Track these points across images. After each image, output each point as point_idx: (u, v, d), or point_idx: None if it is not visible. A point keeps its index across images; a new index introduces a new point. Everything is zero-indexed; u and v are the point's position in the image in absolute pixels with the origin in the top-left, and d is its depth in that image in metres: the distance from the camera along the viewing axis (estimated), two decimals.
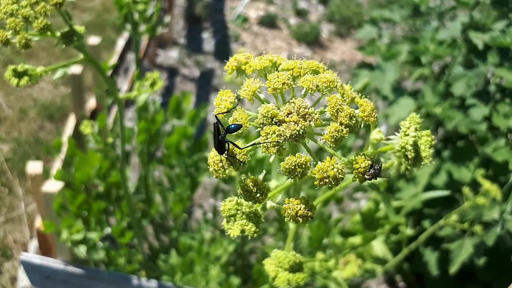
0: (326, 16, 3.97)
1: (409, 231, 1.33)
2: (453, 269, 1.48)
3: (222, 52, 3.42)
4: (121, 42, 2.20)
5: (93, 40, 1.56)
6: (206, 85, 3.11)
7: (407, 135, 0.46)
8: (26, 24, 0.66)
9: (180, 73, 3.18)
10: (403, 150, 0.46)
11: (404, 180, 1.72)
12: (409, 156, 0.46)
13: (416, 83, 2.91)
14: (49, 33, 0.68)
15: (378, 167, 0.44)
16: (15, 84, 0.69)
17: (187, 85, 3.09)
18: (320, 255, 0.97)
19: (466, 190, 1.29)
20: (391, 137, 0.49)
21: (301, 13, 3.98)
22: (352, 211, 1.16)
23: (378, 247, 1.12)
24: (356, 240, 1.02)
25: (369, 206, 1.05)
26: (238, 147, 0.44)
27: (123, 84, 2.58)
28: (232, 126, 0.44)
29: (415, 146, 0.46)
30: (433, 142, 0.48)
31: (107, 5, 3.64)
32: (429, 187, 1.64)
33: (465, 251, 1.46)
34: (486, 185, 1.24)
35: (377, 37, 1.94)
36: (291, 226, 0.60)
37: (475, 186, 1.53)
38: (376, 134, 0.48)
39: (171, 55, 3.31)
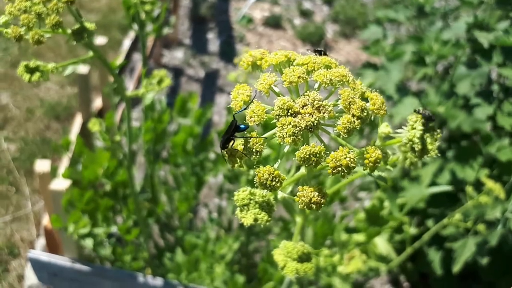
0: (331, 17, 3.98)
1: (412, 230, 1.34)
2: (456, 268, 1.48)
3: (227, 53, 3.44)
4: (127, 42, 2.22)
5: (100, 40, 1.58)
6: (211, 86, 3.13)
7: (414, 128, 0.47)
8: (38, 21, 0.68)
9: (185, 74, 3.20)
10: (410, 142, 0.48)
11: (408, 179, 1.72)
12: (416, 149, 0.47)
13: (420, 83, 2.91)
14: (60, 30, 0.70)
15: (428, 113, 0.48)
16: (27, 80, 0.71)
17: (192, 86, 3.11)
18: (325, 251, 0.98)
19: (469, 189, 1.30)
20: (398, 130, 0.50)
21: (305, 14, 3.99)
22: (357, 209, 1.17)
23: (382, 245, 1.13)
24: (360, 237, 1.03)
25: (374, 203, 1.06)
26: (252, 137, 0.47)
27: (129, 84, 2.60)
28: (242, 126, 0.48)
29: (422, 139, 0.48)
30: (438, 136, 0.49)
31: (113, 6, 3.66)
32: (433, 186, 1.65)
33: (468, 250, 1.46)
34: (489, 184, 1.25)
35: (381, 37, 1.95)
36: (298, 220, 0.62)
37: (478, 185, 1.54)
38: (384, 128, 0.50)
39: (176, 56, 3.33)
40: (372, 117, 0.46)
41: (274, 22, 3.79)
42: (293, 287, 0.82)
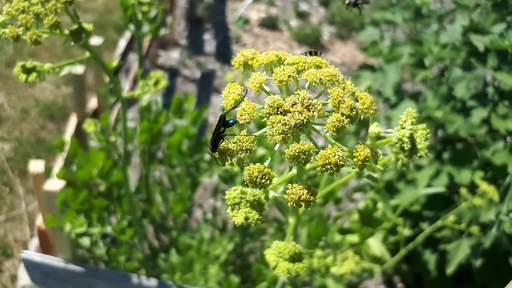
0: (327, 18, 3.99)
1: (407, 232, 1.35)
2: (450, 269, 1.49)
3: (223, 54, 3.44)
4: (122, 43, 2.22)
5: (95, 40, 1.58)
6: (207, 86, 3.13)
7: (404, 128, 0.47)
8: (36, 21, 0.68)
9: (181, 74, 3.20)
10: (400, 142, 0.48)
11: (404, 182, 1.73)
12: (406, 148, 0.48)
13: (415, 85, 2.92)
14: (58, 30, 0.70)
15: None
16: (24, 80, 0.71)
17: (188, 86, 3.11)
18: (318, 252, 0.98)
19: (464, 191, 1.30)
20: (388, 130, 0.51)
21: (302, 15, 4.00)
22: (351, 210, 1.18)
23: (376, 246, 1.13)
24: (354, 238, 1.03)
25: (367, 204, 1.06)
26: (242, 135, 0.47)
27: (124, 84, 2.59)
28: (230, 121, 0.48)
29: (411, 138, 0.48)
30: (428, 135, 0.49)
31: (109, 6, 3.65)
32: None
33: (462, 251, 1.47)
34: (484, 186, 1.26)
35: (379, 39, 1.96)
36: (291, 220, 0.62)
37: (473, 188, 1.55)
38: (374, 128, 0.50)
39: (172, 56, 3.33)
40: (361, 117, 0.46)
41: (270, 23, 3.80)
42: None
